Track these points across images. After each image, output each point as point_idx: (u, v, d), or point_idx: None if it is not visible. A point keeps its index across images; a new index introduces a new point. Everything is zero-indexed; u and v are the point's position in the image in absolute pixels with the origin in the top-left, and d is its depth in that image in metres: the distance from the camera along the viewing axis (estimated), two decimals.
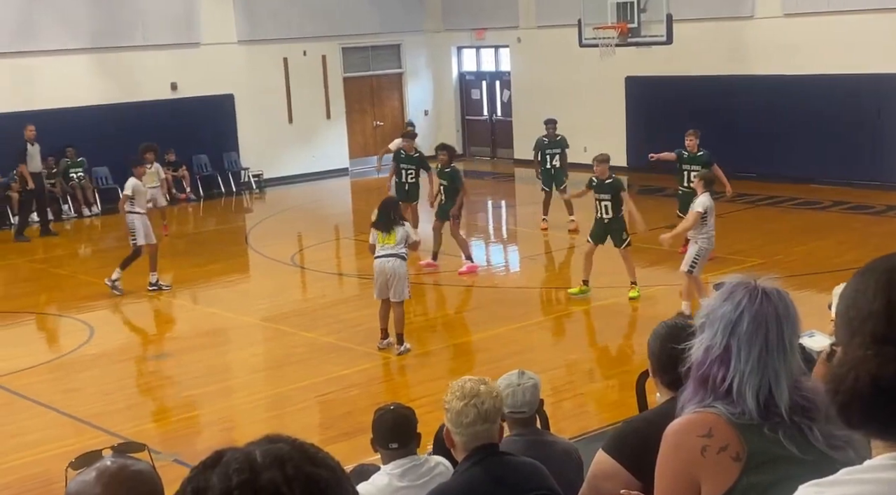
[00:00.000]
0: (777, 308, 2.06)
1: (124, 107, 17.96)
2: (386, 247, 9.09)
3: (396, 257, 9.11)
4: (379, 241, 9.14)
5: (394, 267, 9.08)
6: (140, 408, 8.39)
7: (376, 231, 9.19)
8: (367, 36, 21.11)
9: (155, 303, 11.90)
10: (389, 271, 9.08)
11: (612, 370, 8.92)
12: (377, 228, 9.19)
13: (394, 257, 9.10)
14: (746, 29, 17.11)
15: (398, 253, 9.12)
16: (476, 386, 3.37)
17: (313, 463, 1.19)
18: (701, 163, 12.22)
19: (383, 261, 9.09)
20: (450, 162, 12.60)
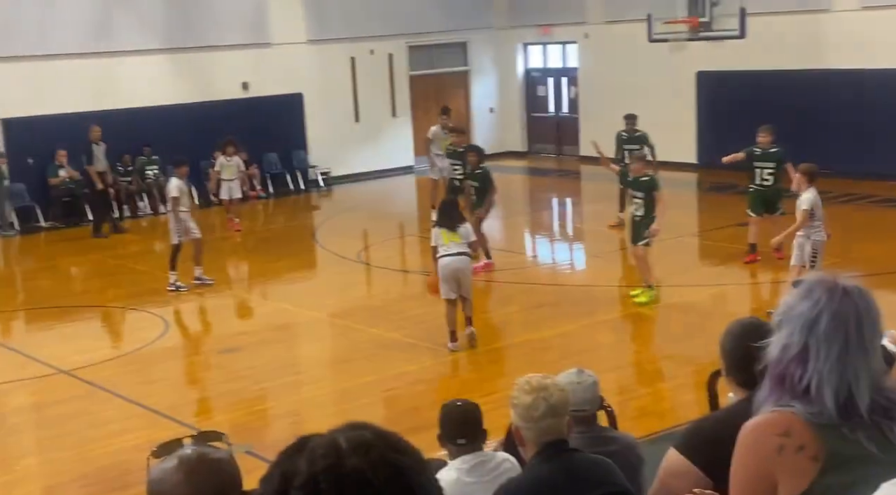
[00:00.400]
0: (858, 306, 2.02)
1: (198, 106, 18.33)
2: (453, 246, 9.15)
3: (465, 255, 9.19)
4: (444, 241, 9.18)
5: (465, 263, 9.17)
6: (212, 401, 8.56)
7: (440, 230, 9.25)
8: (433, 34, 21.17)
9: (227, 298, 12.12)
10: (461, 269, 9.15)
11: (680, 369, 8.82)
12: (442, 227, 9.24)
13: (463, 255, 9.17)
14: (823, 22, 16.73)
15: (465, 250, 9.20)
16: (543, 380, 3.39)
17: (396, 450, 1.21)
18: (775, 160, 11.94)
19: (453, 260, 9.13)
20: (479, 163, 12.60)
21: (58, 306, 12.05)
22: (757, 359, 2.18)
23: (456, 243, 9.17)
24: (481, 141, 22.57)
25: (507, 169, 21.45)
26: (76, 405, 8.54)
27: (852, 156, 16.47)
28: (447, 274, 9.16)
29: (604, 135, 19.95)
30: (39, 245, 16.33)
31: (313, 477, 1.17)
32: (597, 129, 20.55)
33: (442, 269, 9.19)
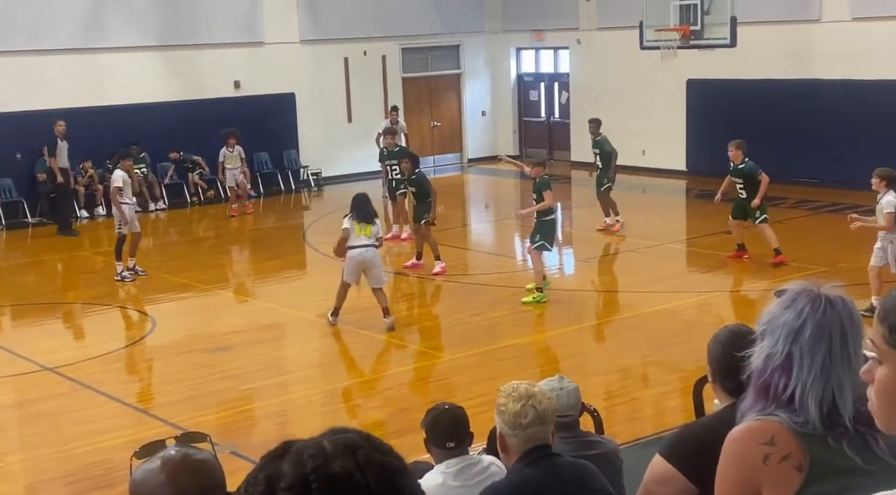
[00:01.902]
0: (841, 316, 2.03)
1: (189, 104, 18.30)
2: (363, 238, 9.90)
3: (372, 247, 9.97)
4: (356, 233, 9.88)
5: (374, 255, 9.99)
6: (198, 400, 8.54)
7: (354, 221, 9.91)
8: (426, 37, 21.20)
9: (216, 297, 12.10)
10: (370, 260, 9.92)
11: (666, 375, 8.84)
12: (359, 219, 9.91)
13: (370, 247, 9.95)
14: (813, 33, 16.81)
15: (373, 244, 9.98)
16: (530, 388, 3.39)
17: (382, 451, 1.22)
18: (743, 175, 12.07)
19: (363, 251, 9.90)
20: (414, 169, 12.79)
21: (43, 303, 12.00)
22: (743, 367, 2.19)
23: (366, 236, 9.90)
24: (473, 144, 22.70)
25: (498, 173, 21.50)
26: (60, 402, 8.50)
27: (841, 166, 16.55)
28: (354, 265, 9.93)
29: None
30: (26, 240, 16.26)
31: (301, 479, 1.18)
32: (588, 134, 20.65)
33: (350, 260, 9.94)
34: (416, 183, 12.80)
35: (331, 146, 20.08)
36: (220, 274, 13.40)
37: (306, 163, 19.96)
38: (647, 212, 16.35)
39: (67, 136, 15.90)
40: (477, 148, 22.69)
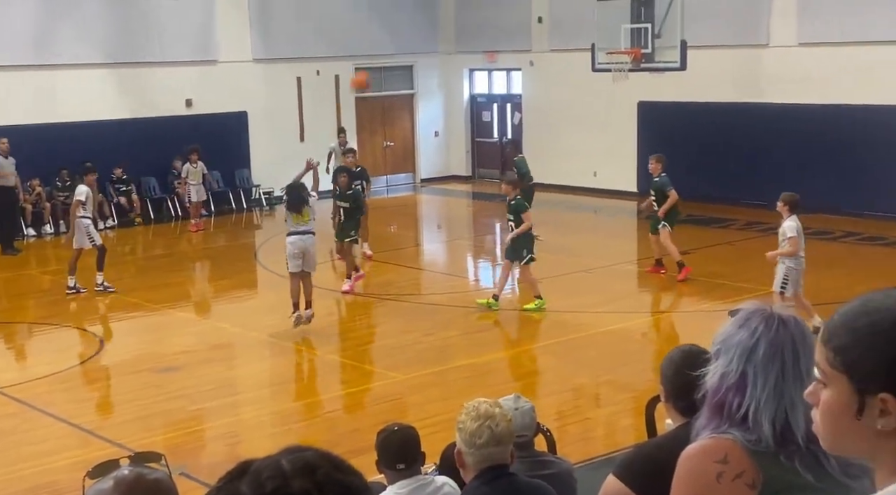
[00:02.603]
0: (794, 335, 2.07)
1: (140, 122, 18.11)
2: (301, 225, 10.45)
3: (310, 233, 10.48)
4: (293, 221, 10.47)
5: (311, 241, 10.47)
6: (148, 421, 8.40)
7: (288, 212, 10.53)
8: (380, 56, 21.24)
9: (166, 316, 11.94)
10: (307, 245, 10.42)
11: (618, 395, 8.91)
12: (290, 210, 10.49)
13: (309, 234, 10.46)
14: (761, 57, 17.18)
15: (311, 229, 10.48)
16: (491, 408, 3.39)
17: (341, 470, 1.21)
18: (655, 189, 12.70)
19: (300, 238, 10.42)
20: (350, 184, 12.95)
21: None
22: (697, 387, 2.22)
23: (304, 223, 10.46)
24: (426, 164, 22.74)
25: (451, 193, 21.57)
26: (8, 423, 8.32)
27: (788, 188, 16.80)
28: (295, 250, 10.41)
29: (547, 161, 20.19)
30: None
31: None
32: (540, 155, 20.81)
33: (290, 246, 10.44)
34: (351, 198, 12.84)
35: (283, 165, 19.90)
36: (171, 293, 13.22)
37: (258, 182, 19.84)
38: (598, 233, 16.52)
39: (14, 153, 15.62)
40: (430, 168, 22.76)
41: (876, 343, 1.38)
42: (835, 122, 16.22)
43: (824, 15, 16.13)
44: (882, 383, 1.36)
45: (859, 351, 1.39)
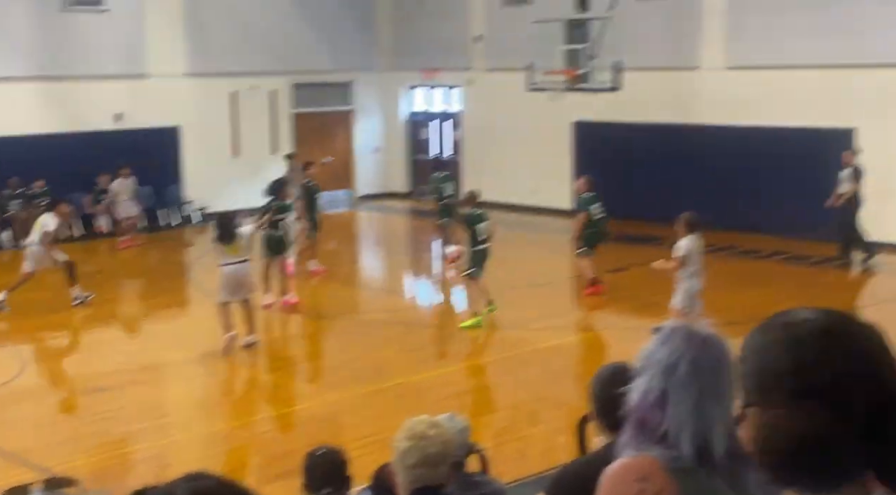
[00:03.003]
0: (714, 353, 2.08)
1: (68, 136, 17.73)
2: (232, 257, 10.36)
3: (245, 261, 10.46)
4: (226, 253, 10.38)
5: (246, 271, 10.49)
6: (72, 444, 8.16)
7: (219, 245, 10.43)
8: (318, 73, 21.16)
9: (94, 336, 11.64)
10: (242, 275, 10.40)
11: (553, 412, 8.92)
12: (222, 241, 10.39)
13: (243, 263, 10.44)
14: (692, 80, 17.52)
15: (245, 257, 10.47)
16: (427, 429, 3.32)
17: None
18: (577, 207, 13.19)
19: (235, 268, 10.37)
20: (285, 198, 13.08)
21: None
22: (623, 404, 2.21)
23: (235, 254, 10.37)
24: (364, 180, 22.66)
25: (389, 210, 21.52)
26: None
27: (716, 208, 17.17)
28: (229, 280, 10.37)
29: (486, 178, 20.28)
30: None
31: None
32: (479, 173, 20.89)
33: (225, 277, 10.39)
34: (288, 210, 12.80)
35: (217, 181, 19.72)
36: (99, 312, 12.91)
37: (191, 199, 19.55)
38: (535, 250, 16.61)
39: None
40: (368, 184, 22.70)
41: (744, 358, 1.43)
42: (761, 142, 16.59)
43: (751, 40, 16.52)
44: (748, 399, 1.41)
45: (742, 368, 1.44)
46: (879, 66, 15.11)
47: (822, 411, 1.30)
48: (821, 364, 1.33)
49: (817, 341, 1.35)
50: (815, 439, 1.29)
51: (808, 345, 1.35)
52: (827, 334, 1.36)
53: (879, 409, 1.31)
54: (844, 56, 15.43)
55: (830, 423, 1.29)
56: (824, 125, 15.82)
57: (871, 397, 1.31)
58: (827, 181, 16.05)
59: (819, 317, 1.38)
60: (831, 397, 1.31)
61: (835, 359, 1.33)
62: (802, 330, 1.37)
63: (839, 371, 1.33)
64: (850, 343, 1.35)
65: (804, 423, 1.29)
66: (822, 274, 14.27)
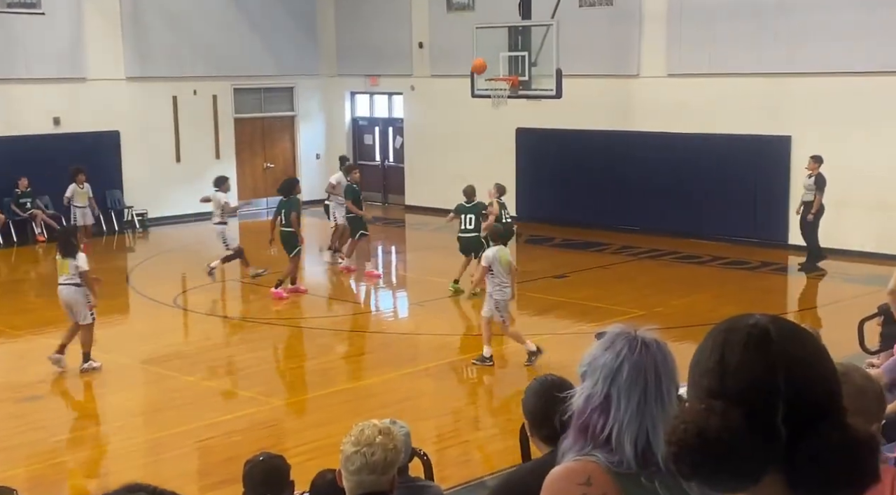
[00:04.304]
0: (656, 358, 2.11)
1: (5, 140, 17.33)
2: (63, 276, 9.86)
3: (70, 285, 9.81)
4: (58, 269, 9.92)
5: (68, 294, 9.83)
6: (7, 453, 7.97)
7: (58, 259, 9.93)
8: (259, 78, 21.00)
9: (26, 342, 11.39)
10: (66, 297, 9.85)
11: (496, 418, 8.97)
12: (61, 254, 9.88)
13: (67, 285, 9.82)
14: (632, 87, 17.77)
15: (71, 280, 9.80)
16: (374, 434, 3.29)
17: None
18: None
19: (60, 289, 9.89)
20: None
21: None
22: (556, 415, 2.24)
23: (65, 274, 9.81)
24: (307, 186, 22.43)
25: None
26: None
27: (657, 214, 17.46)
28: (60, 299, 9.90)
29: (429, 184, 20.32)
30: None
31: None
32: (422, 179, 20.91)
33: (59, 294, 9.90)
34: (296, 207, 13.62)
35: (158, 186, 19.44)
36: (34, 318, 12.63)
37: (131, 204, 19.23)
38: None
39: None
40: (311, 190, 22.49)
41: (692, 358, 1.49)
42: (700, 149, 16.89)
43: (691, 48, 16.83)
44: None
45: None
46: (816, 74, 15.50)
47: (729, 412, 1.34)
48: (742, 367, 1.38)
49: (747, 347, 1.39)
50: (713, 440, 1.33)
51: (733, 349, 1.39)
52: (758, 340, 1.39)
53: (801, 420, 1.35)
54: (782, 64, 15.81)
55: (735, 425, 1.33)
56: (762, 132, 16.17)
57: (794, 406, 1.35)
58: (766, 188, 16.42)
59: (761, 322, 1.42)
60: (747, 400, 1.35)
61: (758, 364, 1.37)
62: (738, 335, 1.41)
63: (760, 376, 1.37)
64: (781, 350, 1.38)
65: (707, 423, 1.33)
66: (762, 278, 14.57)
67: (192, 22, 19.75)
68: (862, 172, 15.03)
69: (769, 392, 1.36)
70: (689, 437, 1.34)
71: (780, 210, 16.13)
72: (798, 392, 1.36)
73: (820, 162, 14.16)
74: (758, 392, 1.36)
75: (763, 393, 1.36)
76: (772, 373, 1.37)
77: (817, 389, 1.38)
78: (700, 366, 1.42)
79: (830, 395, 1.38)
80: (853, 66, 15.05)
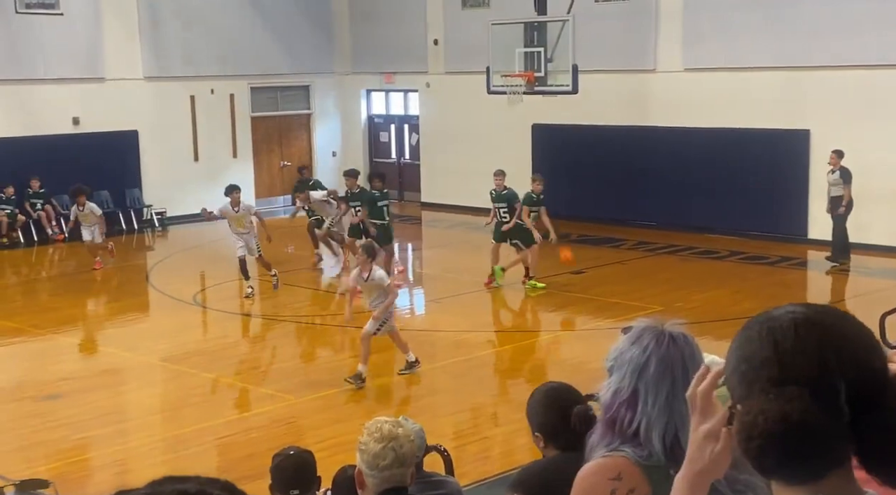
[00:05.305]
0: (683, 352, 2.10)
1: (24, 140, 17.48)
2: None
3: None
4: None
5: None
6: (32, 450, 8.05)
7: None
8: (276, 76, 21.06)
9: (50, 341, 11.48)
10: None
11: (514, 414, 8.96)
12: None
13: None
14: (649, 82, 17.70)
15: None
16: (394, 429, 3.33)
17: (232, 492, 1.16)
18: (505, 200, 13.52)
19: None
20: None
21: None
22: (569, 422, 2.22)
23: None
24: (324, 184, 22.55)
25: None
26: None
27: (674, 209, 17.40)
28: None
29: (445, 181, 20.32)
30: None
31: None
32: (438, 176, 20.91)
33: None
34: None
35: (176, 185, 19.54)
36: (56, 317, 12.73)
37: (150, 203, 19.34)
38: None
39: None
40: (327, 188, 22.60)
41: (728, 357, 1.46)
42: (718, 144, 16.82)
43: (707, 42, 16.75)
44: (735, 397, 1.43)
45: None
46: (834, 67, 15.39)
47: (803, 396, 1.31)
48: (798, 351, 1.35)
49: (795, 330, 1.37)
50: (798, 424, 1.30)
51: (785, 334, 1.37)
52: (805, 323, 1.38)
53: (861, 397, 1.33)
54: (799, 58, 15.70)
55: (812, 408, 1.30)
56: (779, 126, 16.07)
57: (852, 384, 1.33)
58: (784, 182, 16.32)
59: (798, 309, 1.41)
60: (811, 383, 1.33)
61: (812, 346, 1.35)
62: (781, 321, 1.39)
63: (817, 357, 1.35)
64: (828, 331, 1.37)
65: (786, 408, 1.30)
66: (781, 273, 14.50)
67: (209, 22, 19.83)
68: (880, 165, 14.92)
69: (829, 373, 1.34)
70: (772, 426, 1.31)
71: (799, 204, 16.03)
72: (853, 370, 1.34)
73: (841, 156, 14.05)
74: (819, 374, 1.34)
75: (824, 374, 1.34)
76: (826, 355, 1.35)
77: (870, 365, 1.36)
78: (753, 359, 1.39)
79: (882, 370, 1.37)
80: (871, 59, 14.94)
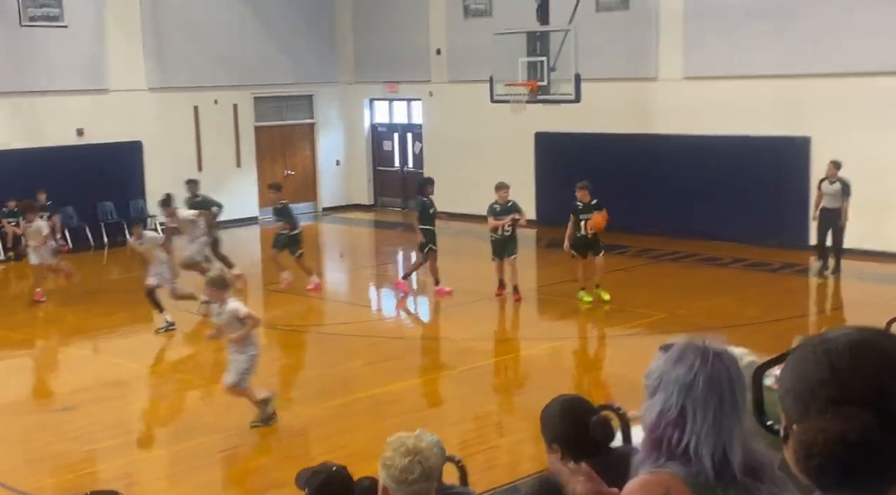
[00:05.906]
0: (729, 369, 2.12)
1: (28, 152, 17.55)
2: None
3: None
4: None
5: None
6: (41, 463, 8.08)
7: None
8: (279, 86, 21.14)
9: (58, 354, 11.53)
10: None
11: (521, 423, 9.00)
12: None
13: None
14: (650, 90, 17.76)
15: None
16: (418, 442, 3.35)
17: None
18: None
19: None
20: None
21: None
22: (585, 433, 2.23)
23: None
24: (328, 193, 22.65)
25: (353, 222, 21.52)
26: None
27: (678, 216, 17.44)
28: None
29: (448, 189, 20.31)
30: None
31: None
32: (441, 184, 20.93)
33: None
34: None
35: (180, 195, 19.57)
36: (63, 329, 12.79)
37: (154, 213, 19.39)
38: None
39: None
40: (331, 197, 22.70)
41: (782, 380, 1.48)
42: (719, 151, 16.86)
43: (708, 50, 16.81)
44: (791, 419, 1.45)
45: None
46: (834, 75, 15.44)
47: (862, 415, 1.34)
48: (855, 370, 1.38)
49: (850, 350, 1.41)
50: (857, 442, 1.32)
51: (841, 355, 1.40)
52: (860, 344, 1.41)
53: None
54: (800, 66, 15.75)
55: (872, 425, 1.33)
56: (781, 133, 16.12)
57: None
58: (786, 189, 16.36)
59: (852, 332, 1.44)
60: (870, 401, 1.36)
61: (869, 367, 1.38)
62: (837, 343, 1.42)
63: (875, 376, 1.38)
64: (883, 351, 1.41)
65: (846, 427, 1.33)
66: (784, 280, 14.52)
67: (212, 32, 19.91)
68: (881, 173, 14.96)
69: (885, 393, 1.37)
70: (832, 446, 1.33)
71: (801, 211, 16.05)
72: None
73: (839, 167, 14.02)
74: (877, 392, 1.37)
75: (882, 392, 1.37)
76: (882, 375, 1.38)
77: None
78: (810, 380, 1.41)
79: None
80: (872, 67, 14.98)
